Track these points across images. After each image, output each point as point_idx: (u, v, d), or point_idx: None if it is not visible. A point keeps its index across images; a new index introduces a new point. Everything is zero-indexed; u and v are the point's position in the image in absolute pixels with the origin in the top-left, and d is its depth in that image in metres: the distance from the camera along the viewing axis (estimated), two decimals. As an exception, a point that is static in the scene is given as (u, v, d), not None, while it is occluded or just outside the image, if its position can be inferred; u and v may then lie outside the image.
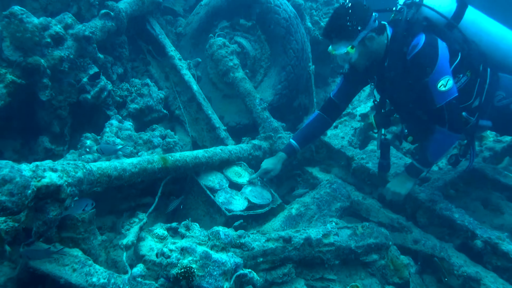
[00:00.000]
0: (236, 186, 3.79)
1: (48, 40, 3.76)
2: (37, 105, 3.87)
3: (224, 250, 2.35)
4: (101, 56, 4.22)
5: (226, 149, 3.92)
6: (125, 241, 2.73)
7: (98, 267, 2.48)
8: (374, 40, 3.27)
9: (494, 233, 3.47)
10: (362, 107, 5.30)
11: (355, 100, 5.70)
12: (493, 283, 3.23)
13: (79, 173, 2.58)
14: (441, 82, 3.13)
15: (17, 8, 3.56)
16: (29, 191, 2.21)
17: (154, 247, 2.93)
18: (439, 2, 3.42)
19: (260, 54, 5.25)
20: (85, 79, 3.93)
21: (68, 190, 2.46)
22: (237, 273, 2.25)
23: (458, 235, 3.70)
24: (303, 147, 4.04)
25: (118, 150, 3.24)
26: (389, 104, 3.80)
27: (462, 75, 3.41)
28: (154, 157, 3.22)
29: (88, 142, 3.51)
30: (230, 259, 2.26)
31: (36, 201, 2.31)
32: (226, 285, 2.17)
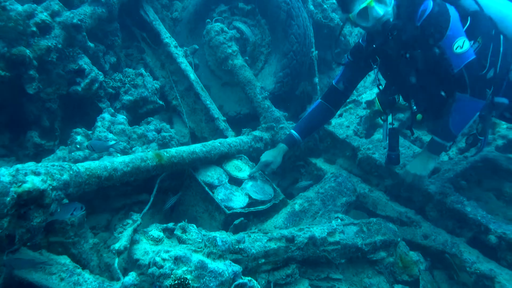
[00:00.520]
0: (236, 181, 3.61)
1: (34, 29, 3.54)
2: (25, 98, 3.66)
3: (222, 258, 2.18)
4: (92, 45, 3.99)
5: (225, 142, 3.72)
6: (117, 246, 2.56)
7: (88, 276, 2.33)
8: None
9: (509, 228, 3.29)
10: (368, 94, 5.06)
11: (360, 86, 5.45)
12: (509, 281, 3.06)
13: (65, 176, 2.40)
14: (457, 44, 2.92)
15: (-1, -5, 3.34)
16: (8, 198, 2.05)
17: (149, 250, 2.76)
18: None
19: (261, 40, 4.98)
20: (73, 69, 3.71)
21: (53, 195, 2.28)
22: (236, 283, 2.09)
23: (470, 229, 3.51)
24: (305, 138, 3.83)
25: (110, 147, 3.05)
26: (395, 88, 3.56)
27: (474, 42, 3.15)
28: (148, 154, 3.03)
29: (79, 138, 3.32)
30: (228, 268, 2.09)
31: (18, 208, 2.14)
32: (224, 297, 2.01)
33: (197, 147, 3.43)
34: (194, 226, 2.82)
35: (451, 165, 3.94)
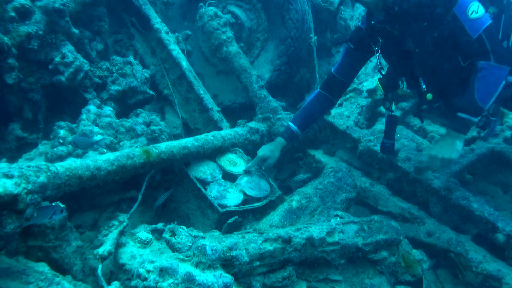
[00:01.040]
0: (231, 177, 3.43)
1: (12, 14, 3.30)
2: (5, 89, 3.44)
3: (212, 268, 2.00)
4: (76, 31, 3.74)
5: (219, 135, 3.52)
6: (101, 251, 2.39)
7: (67, 285, 2.15)
8: None
9: (518, 226, 3.12)
10: (370, 82, 4.83)
11: (361, 73, 5.21)
12: (518, 283, 2.91)
13: (42, 178, 2.20)
14: (472, 9, 2.73)
15: (-28, -22, 3.09)
16: (-25, 205, 1.85)
17: (136, 254, 2.60)
18: None
19: (256, 25, 4.72)
20: (58, 59, 3.47)
21: (28, 199, 2.09)
22: (227, 296, 1.91)
23: (476, 226, 3.35)
24: (304, 131, 3.63)
25: (95, 143, 2.84)
26: (399, 70, 3.34)
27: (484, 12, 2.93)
28: (135, 151, 2.82)
29: (62, 132, 3.12)
30: (218, 280, 1.91)
31: (-12, 215, 1.95)
32: (214, 311, 1.84)
33: (189, 142, 3.23)
34: (184, 228, 2.65)
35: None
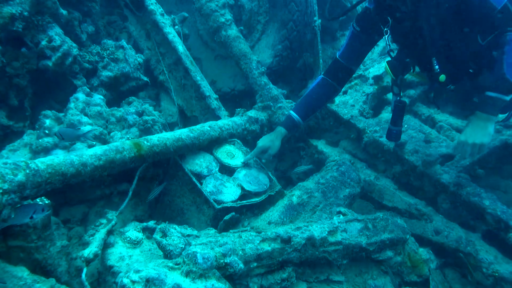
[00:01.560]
0: (228, 170, 3.24)
1: (-6, -6, 3.07)
2: (-12, 74, 3.24)
3: (203, 277, 1.83)
4: (64, 12, 3.50)
5: (216, 126, 3.32)
6: (86, 253, 2.23)
7: (49, 292, 2.00)
8: None
9: (533, 226, 2.94)
10: (376, 68, 4.59)
11: (368, 59, 4.96)
12: (531, 286, 2.75)
13: (20, 176, 2.03)
14: None
15: None
16: None
17: (125, 255, 2.46)
18: None
19: (257, 7, 4.44)
20: (44, 42, 3.25)
21: (4, 199, 1.93)
22: (220, 309, 1.75)
23: (488, 224, 3.17)
24: (306, 120, 3.42)
25: (81, 136, 2.65)
26: (410, 52, 3.11)
27: None
28: (125, 144, 2.63)
29: (48, 122, 2.93)
30: (210, 292, 1.74)
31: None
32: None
33: (183, 133, 3.03)
34: (176, 228, 2.48)
35: (468, 151, 3.53)
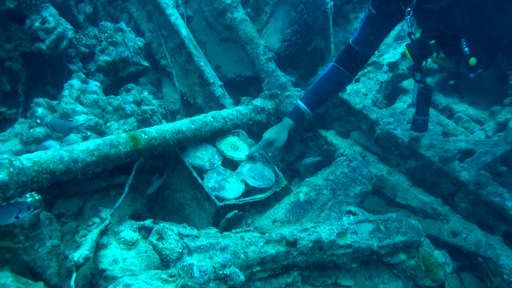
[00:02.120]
0: (232, 163, 3.05)
1: (-18, -29, 2.85)
2: (-21, 58, 3.05)
3: (200, 292, 1.66)
4: (60, -9, 3.29)
5: (220, 116, 3.11)
6: (76, 256, 2.07)
7: (33, 302, 1.85)
8: None
9: (558, 230, 2.72)
10: (391, 54, 4.32)
11: (382, 44, 4.65)
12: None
13: (2, 175, 1.86)
14: None
15: None
16: None
17: (119, 258, 2.30)
18: None
19: (266, -13, 4.17)
20: (37, 24, 3.04)
21: (-18, 201, 1.75)
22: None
23: (510, 226, 2.96)
24: (315, 111, 3.19)
25: (74, 128, 2.46)
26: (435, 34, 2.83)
27: None
28: (120, 137, 2.44)
29: (40, 111, 2.74)
30: (207, 311, 1.57)
31: None
32: None
33: (184, 124, 2.83)
34: (174, 229, 2.30)
35: (489, 147, 3.29)
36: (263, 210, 2.94)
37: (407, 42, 2.92)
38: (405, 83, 4.44)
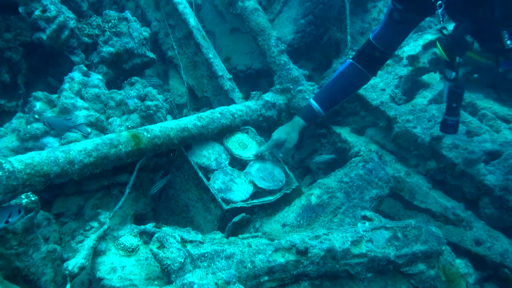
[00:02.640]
0: (240, 162, 2.88)
1: (-22, -44, 2.70)
2: (-24, 48, 2.91)
3: (200, 314, 1.51)
4: (62, -22, 3.12)
5: (228, 112, 2.93)
6: (71, 265, 1.93)
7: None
8: None
9: None
10: (411, 46, 4.06)
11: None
12: None
13: (-11, 178, 1.71)
14: None
15: None
16: None
17: (118, 266, 2.16)
18: None
19: (279, -26, 3.94)
20: (37, 12, 2.88)
21: (-33, 207, 1.62)
22: None
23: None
24: (328, 111, 2.98)
25: (72, 127, 2.31)
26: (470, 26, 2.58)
27: None
28: (121, 136, 2.28)
29: (38, 105, 2.60)
30: (207, 337, 1.42)
31: None
32: None
33: (190, 122, 2.66)
34: (176, 237, 2.15)
35: (517, 148, 3.06)
36: (272, 213, 2.77)
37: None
38: (425, 77, 4.20)
